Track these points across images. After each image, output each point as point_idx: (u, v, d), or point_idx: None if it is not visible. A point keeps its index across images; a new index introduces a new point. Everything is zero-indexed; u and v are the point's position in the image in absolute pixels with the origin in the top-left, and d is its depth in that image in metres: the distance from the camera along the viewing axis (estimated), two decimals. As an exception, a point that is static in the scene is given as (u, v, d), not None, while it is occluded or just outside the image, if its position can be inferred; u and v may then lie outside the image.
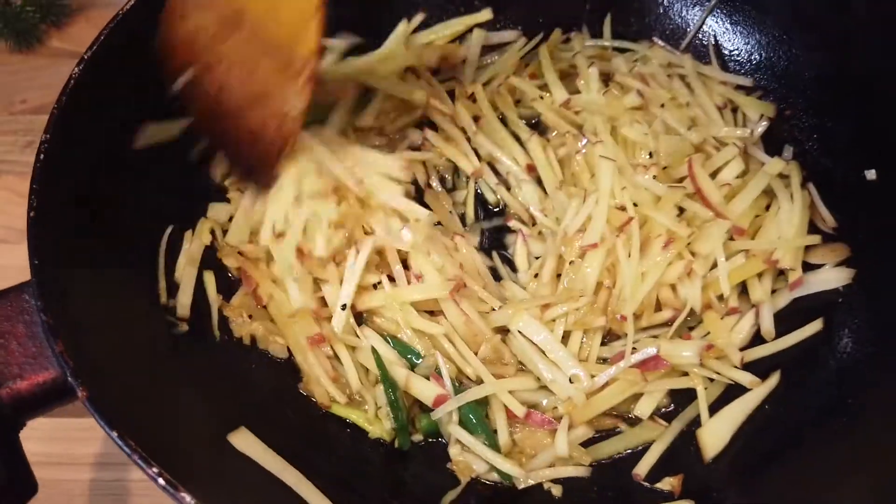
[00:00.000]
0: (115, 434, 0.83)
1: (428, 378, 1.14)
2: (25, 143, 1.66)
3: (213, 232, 1.26)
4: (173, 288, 1.20)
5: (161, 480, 0.81)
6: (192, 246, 1.23)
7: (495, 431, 1.11)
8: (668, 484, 1.07)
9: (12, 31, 1.77)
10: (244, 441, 1.05)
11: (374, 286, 1.20)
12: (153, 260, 1.18)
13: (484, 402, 1.13)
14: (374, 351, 1.15)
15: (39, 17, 1.79)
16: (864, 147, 1.26)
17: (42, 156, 1.03)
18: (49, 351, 0.91)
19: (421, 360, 1.15)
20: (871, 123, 1.25)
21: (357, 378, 1.16)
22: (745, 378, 1.14)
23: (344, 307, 1.15)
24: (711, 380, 1.15)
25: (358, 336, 1.17)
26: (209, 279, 1.22)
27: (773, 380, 1.14)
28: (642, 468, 1.09)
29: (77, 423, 1.28)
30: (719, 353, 1.15)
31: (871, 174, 1.24)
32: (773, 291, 1.23)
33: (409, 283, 1.19)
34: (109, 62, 1.14)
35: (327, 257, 1.17)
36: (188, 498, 0.80)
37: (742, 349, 1.17)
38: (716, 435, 1.11)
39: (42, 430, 1.27)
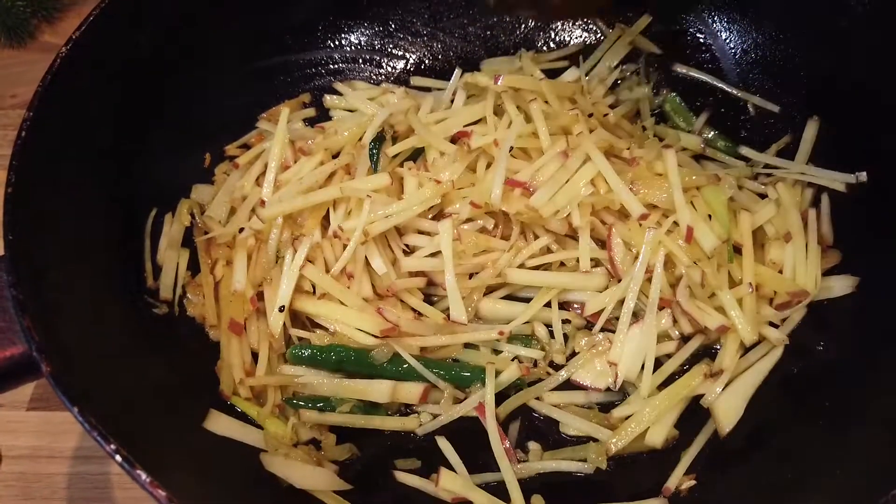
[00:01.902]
0: (75, 410, 0.82)
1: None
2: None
3: (192, 213, 1.26)
4: (157, 270, 1.20)
5: (118, 457, 0.80)
6: (173, 229, 1.23)
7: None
8: None
9: (3, 25, 1.75)
10: (220, 424, 1.06)
11: (314, 290, 1.19)
12: (133, 242, 1.18)
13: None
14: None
15: (31, 11, 1.77)
16: (856, 148, 1.24)
17: (24, 133, 1.03)
18: (18, 326, 0.91)
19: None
20: (865, 125, 1.23)
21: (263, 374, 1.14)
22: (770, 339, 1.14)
23: (282, 309, 1.14)
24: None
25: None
26: (182, 256, 1.22)
27: (779, 351, 1.14)
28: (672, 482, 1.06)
29: (64, 417, 1.27)
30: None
31: (862, 176, 1.22)
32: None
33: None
34: (96, 43, 1.14)
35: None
36: (144, 476, 0.79)
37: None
38: (730, 407, 1.09)
39: (29, 424, 1.27)
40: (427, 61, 1.54)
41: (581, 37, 1.53)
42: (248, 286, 1.17)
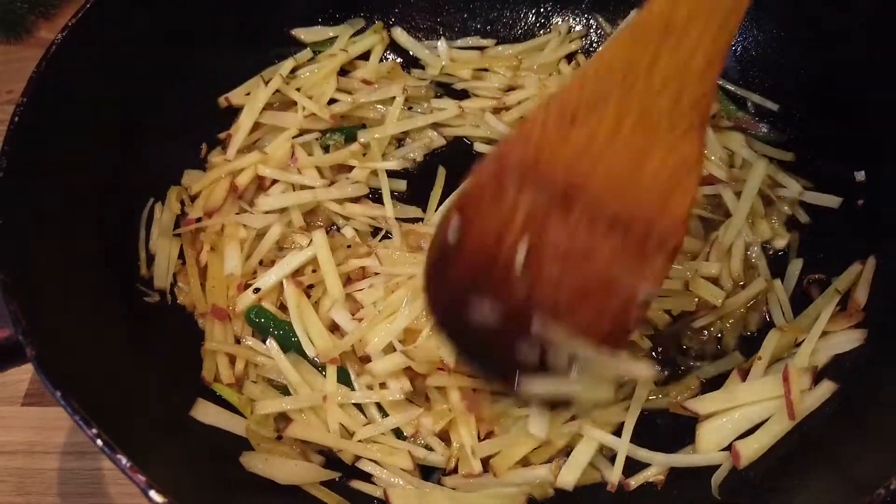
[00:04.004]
0: (58, 394, 0.81)
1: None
2: (11, 133, 1.63)
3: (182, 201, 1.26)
4: (150, 259, 1.20)
5: (100, 442, 0.79)
6: (164, 217, 1.22)
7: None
8: None
9: (0, 22, 1.73)
10: (208, 413, 1.05)
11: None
12: (126, 229, 1.18)
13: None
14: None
15: (28, 7, 1.75)
16: (853, 147, 1.23)
17: (17, 118, 1.03)
18: (6, 310, 0.91)
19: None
20: (863, 123, 1.22)
21: (244, 364, 1.13)
22: None
23: (257, 290, 1.13)
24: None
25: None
26: (174, 244, 1.21)
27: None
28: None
29: (59, 413, 1.22)
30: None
31: (860, 175, 1.21)
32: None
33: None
34: (93, 31, 1.13)
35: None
36: (124, 461, 0.79)
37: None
38: (755, 447, 1.03)
39: (24, 419, 1.26)
40: (426, 56, 1.53)
41: (582, 33, 1.52)
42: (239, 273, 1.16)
